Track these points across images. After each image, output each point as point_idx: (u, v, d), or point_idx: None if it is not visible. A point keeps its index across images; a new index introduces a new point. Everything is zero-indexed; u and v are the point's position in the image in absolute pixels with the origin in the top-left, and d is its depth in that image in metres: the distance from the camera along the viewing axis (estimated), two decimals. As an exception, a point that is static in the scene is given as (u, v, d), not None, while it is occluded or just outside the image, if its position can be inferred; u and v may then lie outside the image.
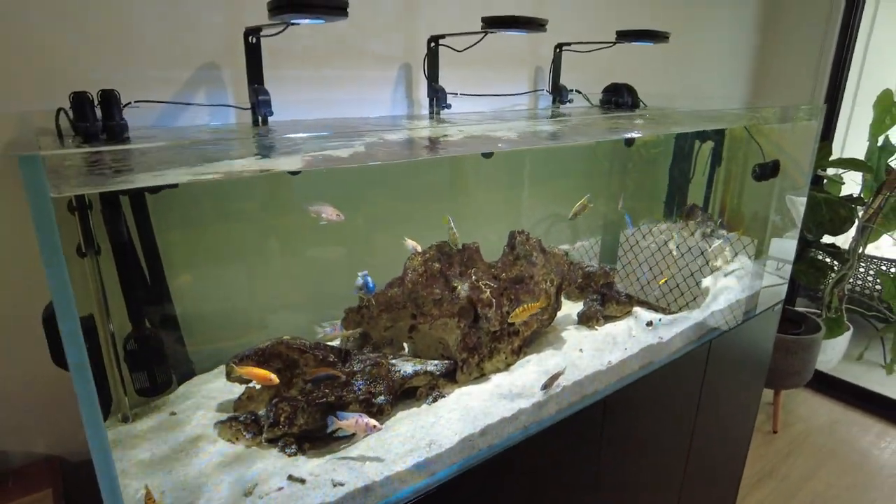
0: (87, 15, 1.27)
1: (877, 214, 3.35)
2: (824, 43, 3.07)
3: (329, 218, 1.21)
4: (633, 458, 1.69)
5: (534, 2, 2.11)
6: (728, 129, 2.16)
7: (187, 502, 0.98)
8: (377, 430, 1.10)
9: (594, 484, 1.55)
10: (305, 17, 1.15)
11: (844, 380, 3.45)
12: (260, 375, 1.08)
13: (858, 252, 3.46)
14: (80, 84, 1.26)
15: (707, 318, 1.76)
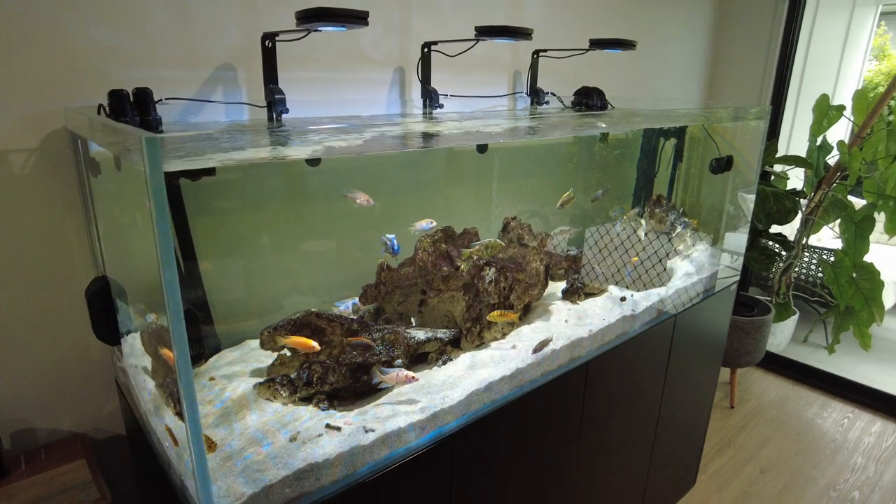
0: (117, 20, 1.39)
1: (818, 208, 3.69)
2: (768, 51, 3.38)
3: (361, 203, 1.37)
4: (610, 420, 1.89)
5: (512, 11, 2.31)
6: (689, 128, 2.41)
7: (243, 446, 1.12)
8: (415, 380, 1.27)
9: (577, 438, 1.74)
10: (331, 25, 1.31)
11: (792, 359, 3.77)
12: (304, 343, 1.23)
13: (803, 242, 3.80)
14: (110, 83, 1.39)
15: (672, 295, 1.98)
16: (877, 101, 3.42)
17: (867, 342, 3.61)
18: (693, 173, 2.51)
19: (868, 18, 5.00)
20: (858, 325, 3.59)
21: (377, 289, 1.48)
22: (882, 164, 3.53)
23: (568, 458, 1.76)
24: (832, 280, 3.53)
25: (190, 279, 1.42)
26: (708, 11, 3.39)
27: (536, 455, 1.61)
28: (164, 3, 1.44)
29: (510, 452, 1.52)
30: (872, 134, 3.53)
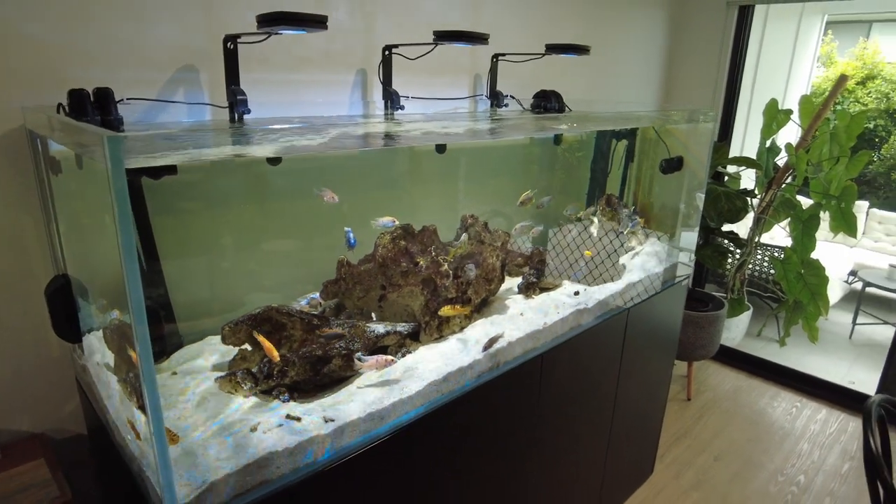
0: (77, 20, 1.40)
1: (769, 207, 3.86)
2: (720, 58, 3.53)
3: (329, 200, 1.42)
4: (567, 410, 1.97)
5: (472, 16, 2.37)
6: (641, 131, 2.52)
7: (204, 437, 1.15)
8: (393, 363, 1.33)
9: (535, 428, 1.81)
10: (291, 28, 1.35)
11: (746, 352, 3.93)
12: (269, 349, 1.27)
13: (755, 241, 3.97)
14: (70, 83, 1.40)
15: (624, 289, 2.07)
16: (821, 105, 3.60)
17: (815, 335, 3.79)
18: (648, 174, 2.62)
19: (815, 27, 5.25)
20: (807, 318, 3.77)
21: (337, 284, 1.53)
22: (827, 165, 3.71)
23: (526, 448, 1.82)
24: (782, 276, 3.69)
25: (152, 277, 1.44)
26: (663, 19, 3.52)
27: (495, 444, 1.68)
28: (125, 4, 1.46)
29: (469, 442, 1.58)
30: (818, 137, 3.72)
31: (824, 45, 5.96)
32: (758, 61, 4.55)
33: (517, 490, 1.84)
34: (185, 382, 1.32)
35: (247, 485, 1.12)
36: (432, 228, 1.65)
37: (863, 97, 5.57)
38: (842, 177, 3.64)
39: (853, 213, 3.59)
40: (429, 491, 1.49)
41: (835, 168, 3.66)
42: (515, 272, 1.99)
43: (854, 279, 4.69)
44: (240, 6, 1.68)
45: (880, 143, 5.51)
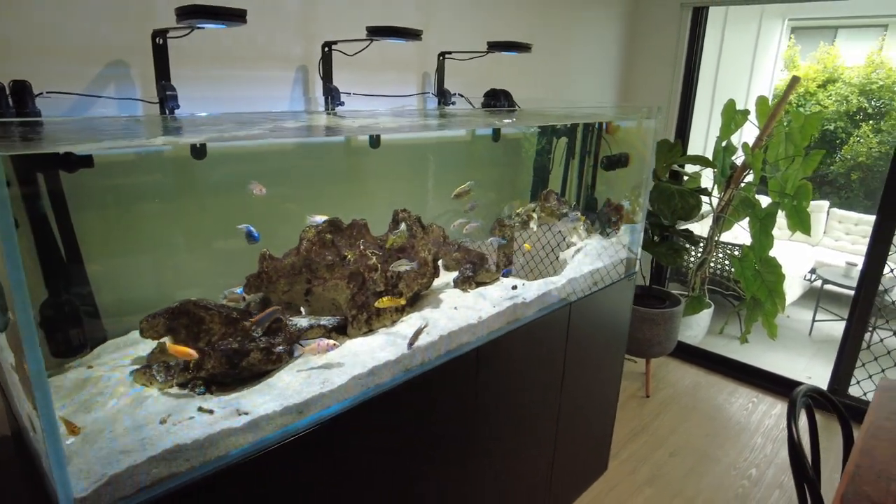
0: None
1: (727, 206, 3.91)
2: (675, 59, 3.58)
3: (257, 192, 1.43)
4: (508, 405, 1.98)
5: (423, 17, 2.39)
6: (591, 129, 2.55)
7: (108, 429, 1.14)
8: (336, 347, 1.34)
9: (473, 423, 1.82)
10: (209, 22, 1.35)
11: (706, 349, 3.98)
12: (182, 352, 1.26)
13: (715, 239, 4.02)
14: (-8, 76, 1.39)
15: (566, 284, 2.09)
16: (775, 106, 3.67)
17: (773, 332, 3.85)
18: (591, 170, 2.66)
19: (775, 31, 5.35)
20: (766, 315, 3.83)
21: (259, 278, 1.52)
22: (783, 164, 3.78)
23: (466, 445, 1.83)
24: (740, 273, 3.75)
25: (73, 273, 1.42)
26: (618, 20, 3.57)
27: (430, 441, 1.68)
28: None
29: (401, 439, 1.58)
30: (773, 137, 3.78)
31: (787, 49, 6.07)
32: (718, 63, 4.62)
33: (457, 487, 1.85)
34: (100, 376, 1.31)
35: (152, 478, 1.11)
36: (362, 223, 1.65)
37: (823, 99, 5.69)
38: (796, 176, 3.71)
39: (807, 212, 3.66)
40: (356, 490, 1.49)
41: (790, 167, 3.73)
42: (454, 267, 2.00)
43: (814, 277, 4.77)
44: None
45: (840, 145, 5.62)
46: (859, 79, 5.55)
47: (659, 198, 3.24)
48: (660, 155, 3.36)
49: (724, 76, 4.77)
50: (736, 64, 4.99)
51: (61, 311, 1.36)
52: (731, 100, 3.82)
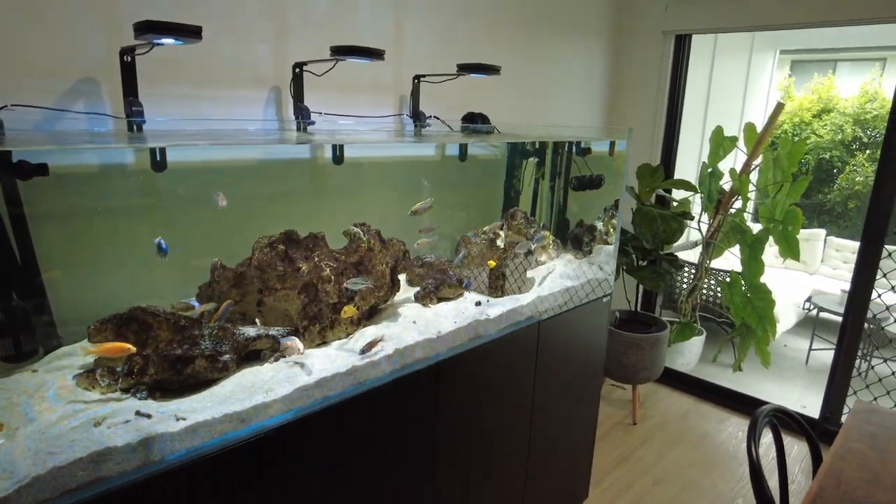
0: (-31, 30, 1.45)
1: (717, 232, 3.90)
2: (659, 86, 3.63)
3: (221, 204, 1.47)
4: (473, 425, 1.95)
5: (398, 39, 2.45)
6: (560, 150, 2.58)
7: (38, 430, 1.15)
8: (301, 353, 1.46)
9: (433, 443, 1.80)
10: (165, 37, 1.40)
11: (697, 377, 3.91)
12: (115, 348, 1.27)
13: (705, 266, 4.00)
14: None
15: (533, 302, 2.08)
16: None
17: (766, 360, 3.79)
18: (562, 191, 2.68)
19: (767, 61, 5.41)
20: (758, 343, 3.77)
21: (210, 287, 1.54)
22: (771, 190, 3.78)
23: (426, 464, 1.80)
24: (730, 299, 3.71)
25: (28, 279, 1.45)
26: (602, 47, 3.64)
27: (386, 459, 1.65)
28: (19, 11, 1.50)
29: (352, 455, 1.56)
30: (762, 163, 3.79)
31: (781, 82, 6.13)
32: (709, 90, 4.67)
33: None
34: (44, 379, 1.32)
35: (79, 480, 1.11)
36: (320, 235, 1.67)
37: (818, 129, 5.71)
38: (785, 202, 3.70)
39: (796, 238, 3.64)
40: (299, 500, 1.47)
41: (779, 193, 3.73)
42: (417, 282, 2.01)
43: (811, 306, 4.71)
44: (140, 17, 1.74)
45: (837, 174, 5.61)
46: (854, 109, 5.57)
47: (641, 221, 3.24)
48: (642, 179, 3.37)
49: (716, 104, 4.81)
50: (728, 92, 5.04)
51: (12, 316, 1.39)
52: (718, 126, 3.85)
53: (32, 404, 1.23)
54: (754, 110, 5.37)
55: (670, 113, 3.69)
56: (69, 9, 1.59)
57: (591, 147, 2.54)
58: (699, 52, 4.39)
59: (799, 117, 5.81)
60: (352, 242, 1.71)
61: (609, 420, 3.49)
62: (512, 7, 2.94)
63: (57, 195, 1.55)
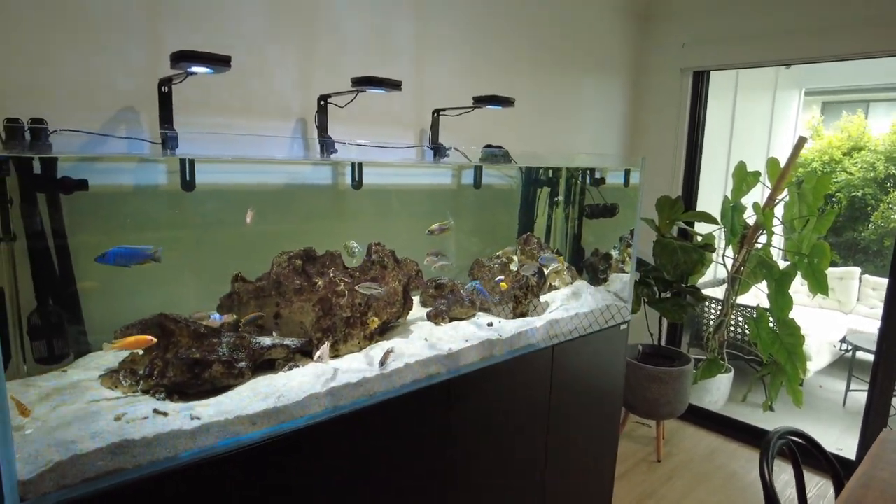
0: (27, 61, 1.61)
1: (742, 266, 3.86)
2: (678, 119, 3.68)
3: (248, 219, 1.58)
4: (485, 450, 1.95)
5: (415, 74, 2.58)
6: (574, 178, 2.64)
7: (63, 422, 1.22)
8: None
9: (443, 460, 1.81)
10: (197, 65, 1.53)
11: (725, 415, 3.80)
12: (134, 342, 1.36)
13: (731, 301, 3.94)
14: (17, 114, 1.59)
15: (546, 325, 2.10)
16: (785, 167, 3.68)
17: (798, 399, 3.67)
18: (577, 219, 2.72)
19: (792, 100, 5.42)
20: (789, 381, 3.66)
21: (230, 298, 1.62)
22: (798, 224, 3.74)
23: (436, 483, 1.80)
24: (756, 335, 3.64)
25: (64, 287, 1.56)
26: (621, 83, 3.73)
27: (395, 472, 1.67)
28: (74, 50, 1.67)
29: (361, 464, 1.59)
30: (788, 197, 3.77)
31: (809, 121, 6.11)
32: (732, 126, 4.70)
33: (424, 523, 1.81)
34: (72, 379, 1.41)
35: (97, 469, 1.17)
36: (336, 253, 1.75)
37: (849, 166, 5.64)
38: (811, 236, 3.66)
39: (824, 272, 3.57)
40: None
41: (805, 227, 3.69)
42: (431, 302, 2.06)
43: (846, 346, 4.55)
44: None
45: (871, 212, 5.50)
46: (886, 146, 5.49)
47: (662, 253, 3.24)
48: (662, 211, 3.39)
49: (740, 139, 4.83)
50: (752, 129, 5.06)
51: (47, 321, 1.49)
52: (741, 162, 3.86)
53: (60, 399, 1.31)
54: (780, 147, 5.36)
55: (690, 147, 3.72)
56: (115, 46, 1.75)
57: (604, 177, 2.59)
58: (721, 88, 4.44)
59: (829, 155, 5.75)
60: (368, 260, 1.78)
61: (633, 456, 3.40)
62: (531, 45, 3.07)
63: (95, 210, 1.67)
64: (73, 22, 1.66)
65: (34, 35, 1.61)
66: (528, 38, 3.04)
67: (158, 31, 1.83)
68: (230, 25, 1.97)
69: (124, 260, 1.42)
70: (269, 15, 2.06)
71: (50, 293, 1.51)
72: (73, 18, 1.66)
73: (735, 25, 3.39)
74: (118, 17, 1.74)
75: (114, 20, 1.74)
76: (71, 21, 1.66)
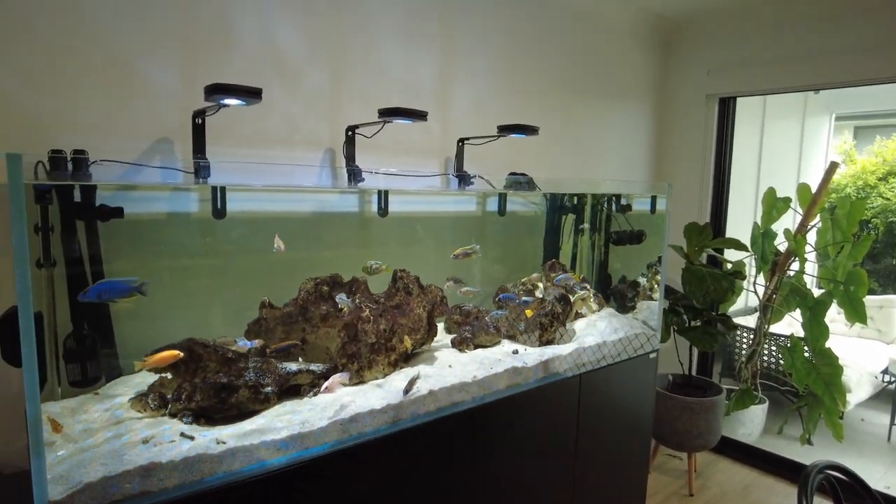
0: (72, 99, 1.69)
1: (774, 294, 3.76)
2: (705, 145, 3.66)
3: (277, 246, 1.61)
4: (510, 479, 1.92)
5: (440, 105, 2.62)
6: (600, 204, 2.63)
7: (93, 444, 1.24)
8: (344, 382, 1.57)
9: (468, 486, 1.78)
10: (229, 97, 1.59)
11: (760, 448, 3.66)
12: (161, 358, 1.38)
13: (763, 330, 3.83)
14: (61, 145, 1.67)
15: (573, 353, 2.08)
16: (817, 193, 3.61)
17: (839, 432, 3.52)
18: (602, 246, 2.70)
19: (822, 125, 5.34)
20: (828, 414, 3.52)
21: (258, 324, 1.64)
22: (832, 251, 3.65)
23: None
24: (790, 365, 3.52)
25: (98, 312, 1.60)
26: (647, 110, 3.73)
27: (418, 499, 1.65)
28: (113, 87, 1.75)
29: (385, 491, 1.58)
30: (820, 224, 3.69)
31: (842, 145, 6.00)
32: (760, 152, 4.64)
33: (448, 555, 1.78)
34: (103, 401, 1.44)
35: (124, 492, 1.19)
36: (362, 280, 1.77)
37: (885, 192, 5.49)
38: (847, 263, 3.56)
39: (861, 300, 3.46)
40: (331, 533, 1.49)
41: (840, 254, 3.60)
42: (455, 329, 2.05)
43: (888, 377, 4.37)
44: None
45: (910, 238, 5.33)
46: (923, 171, 5.35)
47: (690, 280, 3.19)
48: (690, 238, 3.34)
49: (769, 165, 4.76)
50: (781, 154, 4.98)
51: (82, 344, 1.53)
52: (770, 188, 3.80)
53: (91, 422, 1.34)
54: (811, 172, 5.27)
55: (717, 174, 3.68)
56: (153, 81, 1.83)
57: (630, 204, 2.58)
58: (749, 114, 4.40)
59: (863, 180, 5.62)
60: (393, 286, 1.79)
61: (664, 490, 3.30)
62: (555, 74, 3.10)
63: (130, 237, 1.73)
64: (113, 60, 1.75)
65: (78, 73, 1.69)
66: (552, 67, 3.08)
67: (193, 65, 1.91)
68: (263, 58, 2.04)
69: (108, 295, 1.38)
70: (302, 48, 2.13)
71: (85, 318, 1.55)
72: (114, 58, 1.74)
73: (761, 51, 3.37)
74: (155, 54, 1.82)
75: (151, 57, 1.82)
76: (109, 59, 1.74)
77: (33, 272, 1.50)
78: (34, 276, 1.53)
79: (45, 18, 1.64)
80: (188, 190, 1.81)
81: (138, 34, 1.79)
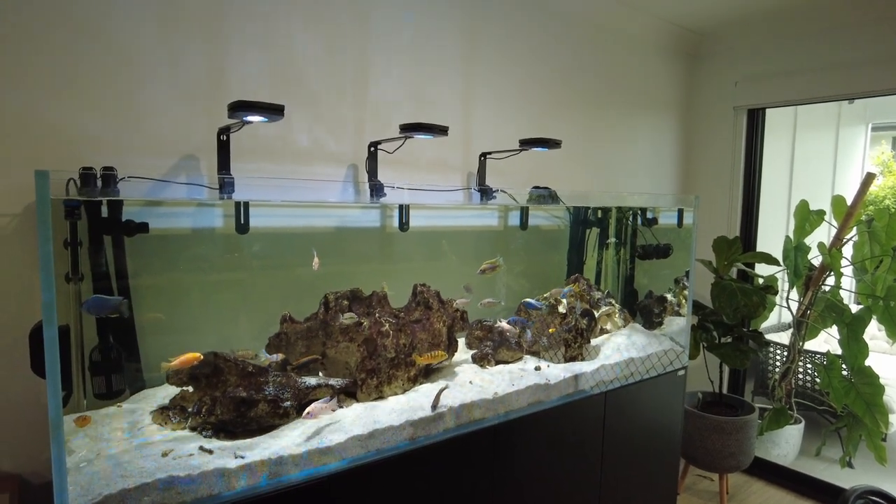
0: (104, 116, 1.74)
1: (809, 310, 3.64)
2: (733, 157, 3.59)
3: (315, 264, 1.62)
4: (532, 501, 1.87)
5: (462, 120, 2.62)
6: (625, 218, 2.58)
7: (114, 456, 1.25)
8: (332, 408, 1.50)
9: None
10: (253, 114, 1.61)
11: (795, 469, 3.53)
12: (186, 359, 1.40)
13: (798, 347, 3.71)
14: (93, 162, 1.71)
15: (598, 370, 2.03)
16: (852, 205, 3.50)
17: (882, 455, 3.37)
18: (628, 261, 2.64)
19: (859, 135, 5.19)
20: (869, 435, 3.38)
21: (279, 338, 1.65)
22: (870, 266, 3.52)
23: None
24: (827, 384, 3.40)
25: (123, 325, 1.63)
26: (674, 123, 3.68)
27: (435, 516, 1.63)
28: (143, 107, 1.79)
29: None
30: (857, 237, 3.57)
31: (879, 155, 5.82)
32: (791, 164, 4.53)
33: (469, 576, 1.74)
34: (124, 414, 1.45)
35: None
36: (382, 294, 1.76)
37: (925, 203, 5.29)
38: (886, 277, 3.43)
39: (902, 316, 3.32)
40: (349, 551, 1.47)
41: (880, 268, 3.47)
42: (476, 345, 2.03)
43: (933, 397, 4.17)
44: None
45: (953, 251, 5.10)
46: (966, 182, 5.14)
47: (720, 295, 3.10)
48: (719, 252, 3.26)
49: (801, 177, 4.63)
50: (814, 165, 4.85)
51: (107, 357, 1.55)
52: (803, 200, 3.69)
53: (113, 434, 1.35)
54: (846, 184, 5.11)
55: (747, 186, 3.60)
56: (178, 104, 1.87)
57: (657, 217, 2.53)
58: (779, 125, 4.30)
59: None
60: (413, 301, 1.78)
61: (695, 513, 3.19)
62: (579, 87, 3.08)
63: (155, 251, 1.76)
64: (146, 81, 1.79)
65: (110, 92, 1.74)
66: (575, 80, 3.06)
67: (221, 83, 1.94)
68: (287, 76, 2.07)
69: (95, 310, 1.42)
70: (325, 67, 2.16)
71: (111, 331, 1.58)
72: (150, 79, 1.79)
73: (790, 61, 3.30)
74: (185, 73, 1.87)
75: (181, 76, 1.86)
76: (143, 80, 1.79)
77: (62, 286, 1.54)
78: (62, 290, 1.57)
79: (86, 44, 1.69)
80: (212, 205, 1.84)
81: (165, 55, 1.84)
